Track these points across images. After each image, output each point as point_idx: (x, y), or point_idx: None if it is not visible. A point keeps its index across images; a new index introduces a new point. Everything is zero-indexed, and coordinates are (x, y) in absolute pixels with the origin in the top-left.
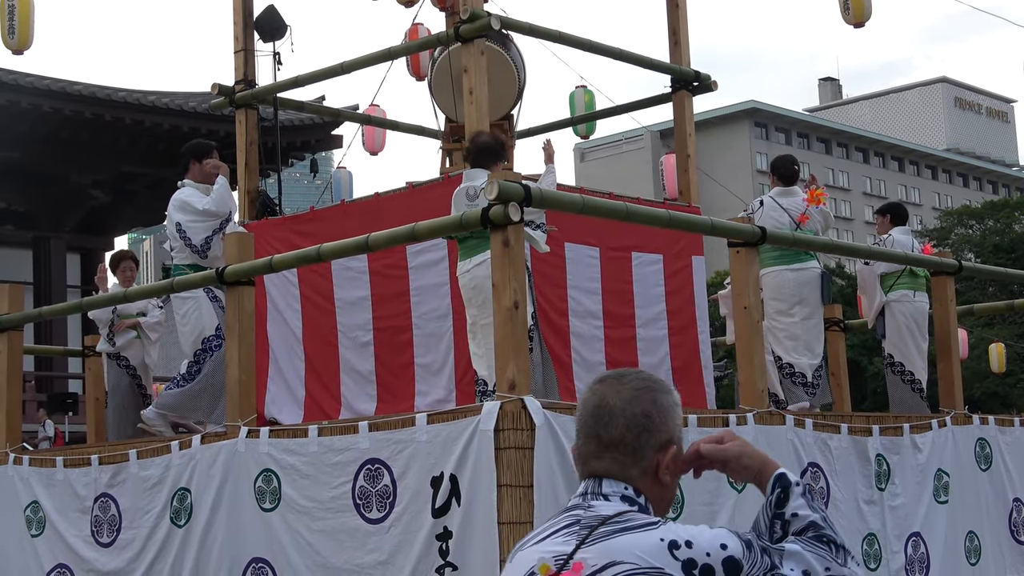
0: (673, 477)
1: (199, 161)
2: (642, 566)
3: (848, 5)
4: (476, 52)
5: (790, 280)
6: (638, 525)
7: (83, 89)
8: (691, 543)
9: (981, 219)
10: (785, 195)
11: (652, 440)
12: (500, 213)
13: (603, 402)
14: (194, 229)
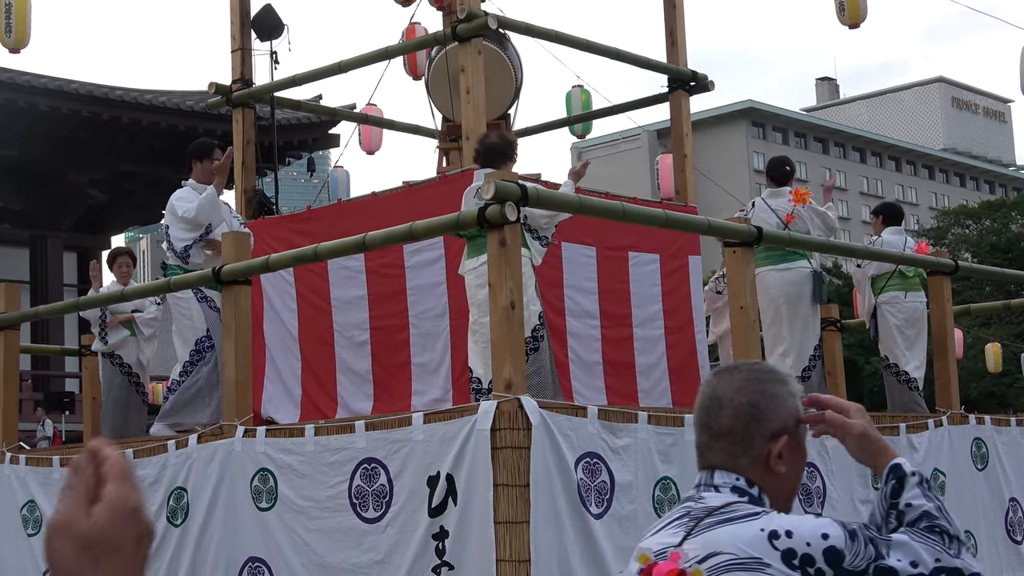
0: (789, 467)
1: (199, 161)
2: (741, 556)
3: (844, 6)
4: (473, 51)
5: (775, 280)
6: (740, 516)
7: (80, 88)
8: (791, 533)
9: (978, 219)
10: (774, 196)
11: (761, 429)
12: (497, 213)
13: (713, 393)
14: (176, 236)
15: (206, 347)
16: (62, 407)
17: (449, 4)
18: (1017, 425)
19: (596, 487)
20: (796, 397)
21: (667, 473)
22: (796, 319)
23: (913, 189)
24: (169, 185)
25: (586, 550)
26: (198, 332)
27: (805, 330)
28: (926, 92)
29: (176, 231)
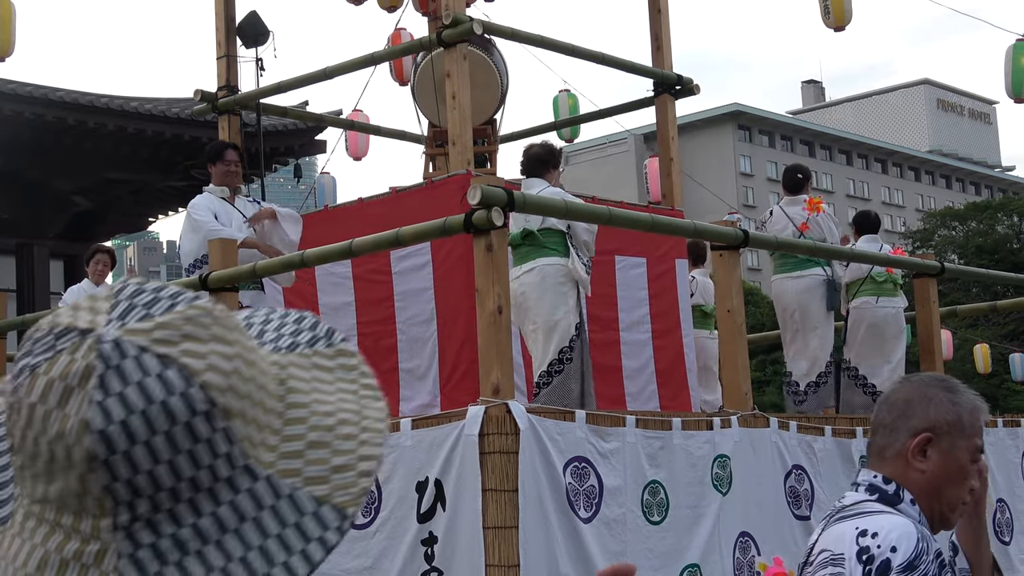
0: (933, 467)
1: (212, 165)
2: (834, 552)
3: (828, 9)
4: (459, 57)
5: (789, 288)
6: (855, 514)
7: (66, 95)
8: (876, 534)
9: (964, 220)
10: (790, 204)
11: (908, 424)
12: (483, 218)
13: (887, 393)
14: (187, 249)
15: None
16: None
17: (434, 10)
18: (1004, 426)
19: (584, 491)
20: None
21: (655, 476)
22: (810, 326)
23: (899, 191)
24: (156, 192)
25: (575, 554)
26: None
27: (819, 337)
28: (911, 94)
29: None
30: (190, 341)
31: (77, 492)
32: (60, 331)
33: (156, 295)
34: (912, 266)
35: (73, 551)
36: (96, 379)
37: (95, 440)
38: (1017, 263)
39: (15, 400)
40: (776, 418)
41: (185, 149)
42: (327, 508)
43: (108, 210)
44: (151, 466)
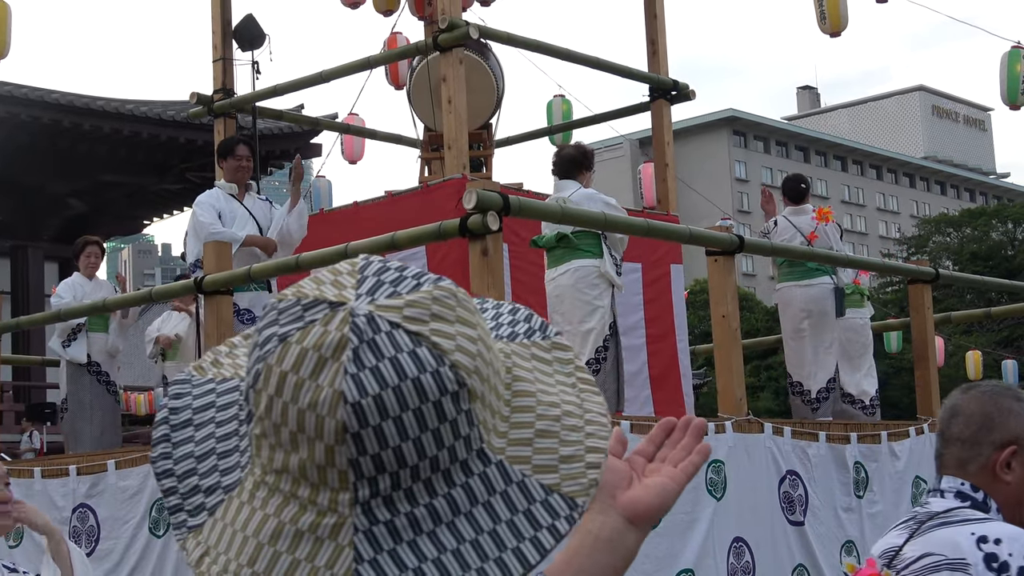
0: (1018, 476)
1: (224, 160)
2: (950, 557)
3: (824, 15)
4: (454, 61)
5: (798, 296)
6: (959, 520)
7: (61, 98)
8: (1000, 540)
9: (959, 227)
10: (796, 213)
11: (991, 437)
12: (479, 222)
13: (953, 404)
14: (192, 248)
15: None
16: (44, 418)
17: (431, 14)
18: None
19: None
20: None
21: None
22: (819, 334)
23: (894, 197)
24: (150, 195)
25: None
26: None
27: (831, 343)
28: (907, 100)
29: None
30: (438, 321)
31: (321, 464)
32: (308, 303)
33: (401, 273)
34: (907, 272)
35: (308, 523)
36: (350, 352)
37: (348, 412)
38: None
39: (263, 367)
40: (771, 423)
41: (180, 152)
42: (556, 497)
43: (103, 213)
44: (398, 442)
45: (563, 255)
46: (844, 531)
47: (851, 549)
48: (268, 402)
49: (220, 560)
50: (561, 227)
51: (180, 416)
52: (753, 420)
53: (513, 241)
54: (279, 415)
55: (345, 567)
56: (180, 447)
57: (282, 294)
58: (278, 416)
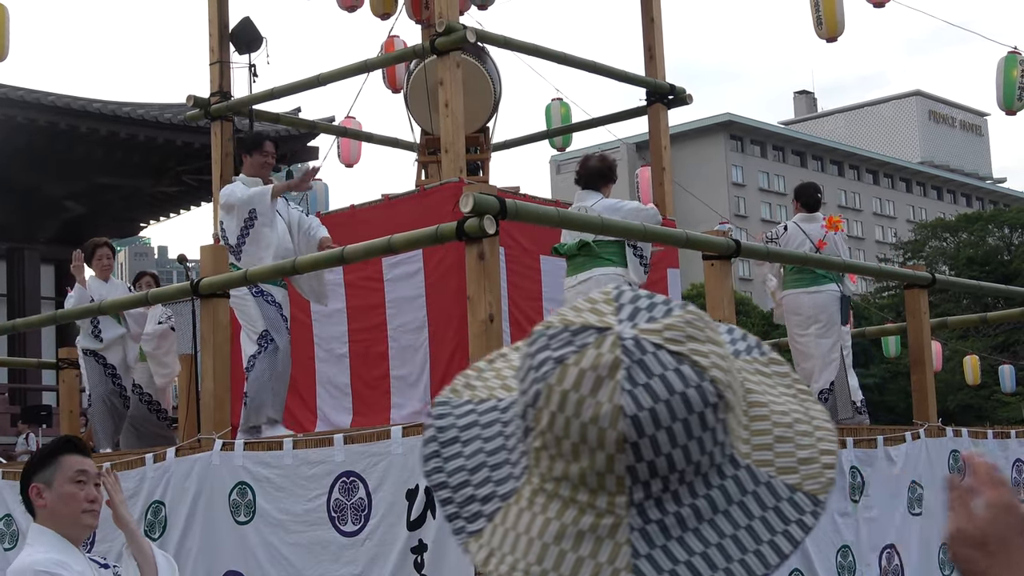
0: None
1: (249, 155)
2: None
3: (821, 20)
4: (452, 65)
5: (805, 303)
6: None
7: (58, 100)
8: None
9: (955, 232)
10: (807, 221)
11: None
12: (476, 226)
13: None
14: (229, 227)
15: (268, 339)
16: (39, 420)
17: (428, 18)
18: (994, 437)
19: None
20: None
21: None
22: (827, 338)
23: (891, 202)
24: (147, 197)
25: None
26: (258, 329)
27: (836, 348)
28: (903, 105)
29: (228, 224)
30: (693, 342)
31: (601, 471)
32: (576, 329)
33: (651, 300)
34: (903, 277)
35: (588, 524)
36: (624, 371)
37: (628, 424)
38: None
39: (543, 387)
40: None
41: (177, 154)
42: (800, 495)
43: (99, 215)
44: (669, 449)
45: (584, 263)
46: (840, 535)
47: (847, 553)
48: (550, 418)
49: (507, 560)
50: (583, 235)
51: (447, 434)
52: None
53: (510, 245)
54: (561, 429)
55: (625, 562)
56: (451, 461)
57: (547, 322)
58: (560, 430)
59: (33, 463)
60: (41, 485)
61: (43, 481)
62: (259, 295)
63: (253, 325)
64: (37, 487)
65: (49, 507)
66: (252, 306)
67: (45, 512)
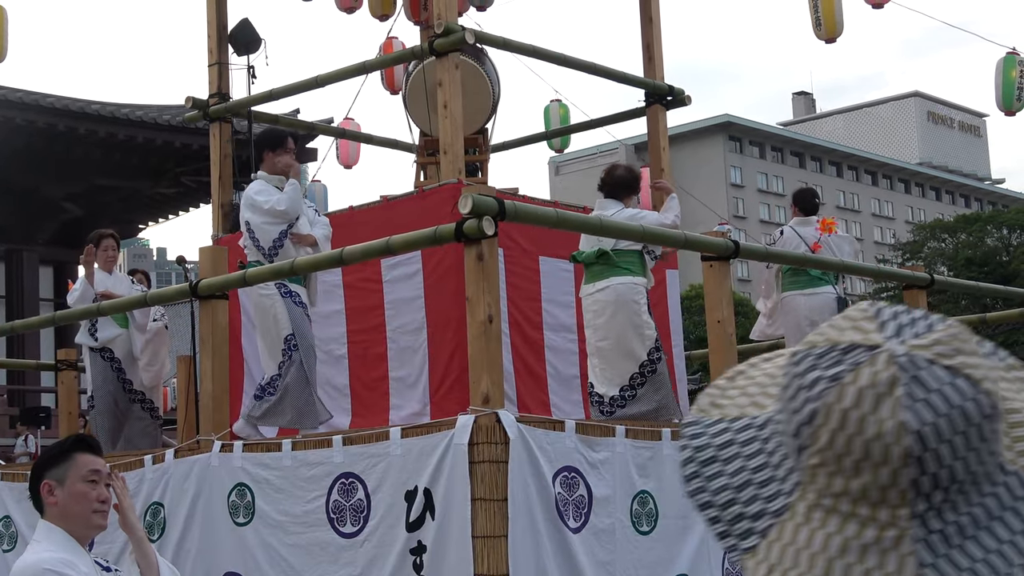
0: None
1: (272, 152)
2: None
3: (820, 21)
4: (450, 66)
5: (802, 304)
6: None
7: (56, 102)
8: None
9: (954, 233)
10: (802, 224)
11: None
12: (474, 227)
13: None
14: (264, 230)
15: (292, 346)
16: (38, 422)
17: (426, 19)
18: None
19: (574, 501)
20: None
21: (645, 487)
22: None
23: (889, 203)
24: (145, 199)
25: (564, 564)
26: (284, 330)
27: None
28: (902, 106)
29: (263, 227)
30: (962, 355)
31: (884, 485)
32: (844, 347)
33: (911, 316)
34: (902, 278)
35: (872, 537)
36: (902, 387)
37: (912, 439)
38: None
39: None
40: None
41: (175, 156)
42: None
43: (98, 216)
44: (951, 462)
45: (602, 271)
46: None
47: None
48: (830, 436)
49: (790, 574)
50: (602, 243)
51: (704, 454)
52: None
53: (509, 246)
54: (843, 446)
55: (911, 572)
56: (713, 480)
57: (810, 341)
58: (841, 447)
59: (45, 460)
60: (53, 482)
61: (55, 478)
62: (287, 296)
63: (277, 327)
64: (49, 484)
65: (60, 505)
66: (280, 307)
67: (55, 510)
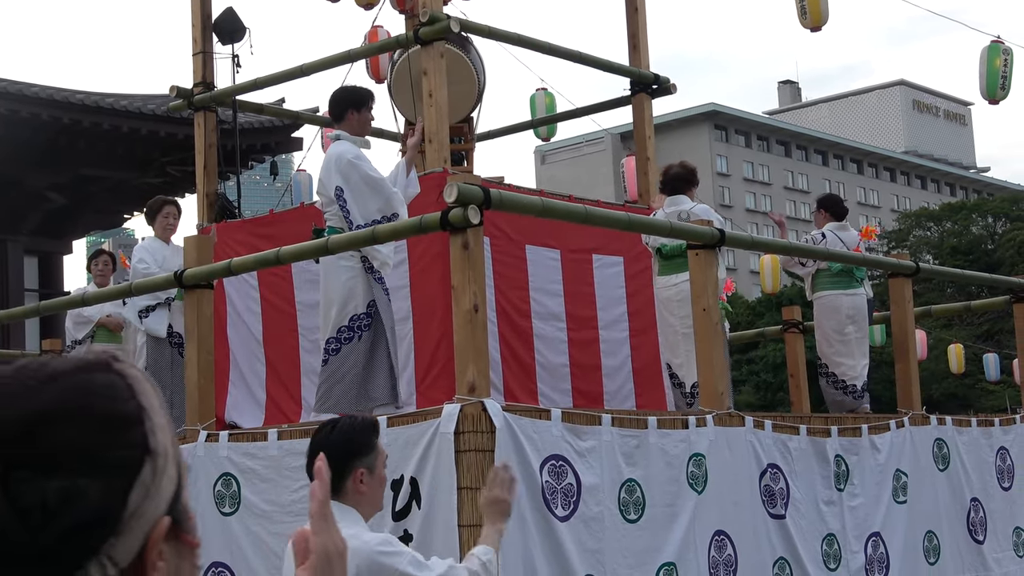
0: None
1: (357, 111)
2: None
3: (805, 9)
4: (436, 55)
5: (845, 303)
6: None
7: (40, 91)
8: None
9: (939, 221)
10: (841, 229)
11: None
12: (460, 216)
13: None
14: (361, 203)
15: (363, 325)
16: None
17: (411, 7)
18: (978, 426)
19: (563, 489)
20: None
21: (632, 475)
22: (862, 336)
23: (875, 191)
24: (131, 189)
25: (551, 553)
26: (359, 307)
27: (863, 346)
28: (887, 95)
29: (361, 202)
30: None
31: None
32: None
33: None
34: (887, 266)
35: None
36: None
37: None
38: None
39: None
40: (751, 417)
41: (161, 145)
42: None
43: (83, 207)
44: None
45: (682, 264)
46: (825, 524)
47: (832, 542)
48: None
49: None
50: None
51: None
52: (734, 413)
53: (495, 235)
54: None
55: None
56: None
57: None
58: None
59: (356, 447)
60: (365, 471)
61: (366, 466)
62: (370, 271)
63: (357, 301)
64: (362, 472)
65: (367, 494)
66: (362, 282)
67: (362, 497)
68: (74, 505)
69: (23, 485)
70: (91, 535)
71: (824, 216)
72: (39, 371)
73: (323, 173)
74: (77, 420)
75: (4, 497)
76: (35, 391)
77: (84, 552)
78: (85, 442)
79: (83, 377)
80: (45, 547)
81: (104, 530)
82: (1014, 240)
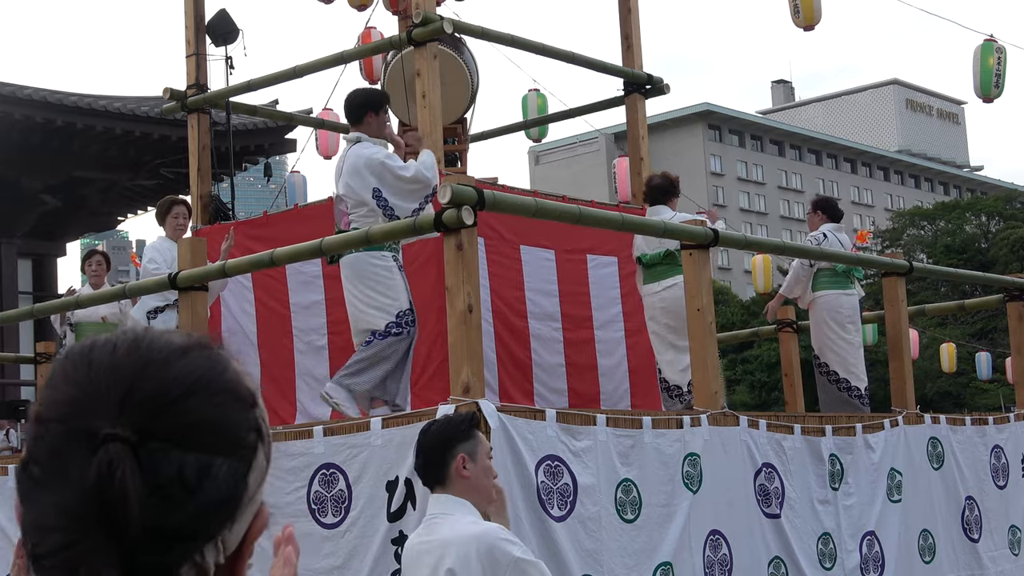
0: None
1: (375, 114)
2: None
3: (799, 8)
4: (429, 56)
5: (846, 303)
6: None
7: (34, 93)
8: None
9: (932, 220)
10: (838, 231)
11: None
12: (454, 217)
13: None
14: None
15: (409, 321)
16: (17, 416)
17: (405, 8)
18: (972, 424)
19: (559, 490)
20: None
21: (627, 475)
22: (860, 340)
23: (868, 191)
24: (124, 191)
25: (546, 553)
26: (403, 304)
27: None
28: (881, 94)
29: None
30: None
31: None
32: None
33: None
34: (881, 265)
35: None
36: None
37: None
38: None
39: None
40: (746, 416)
41: (154, 147)
42: None
43: (77, 209)
44: None
45: (665, 271)
46: (820, 523)
47: (827, 541)
48: None
49: None
50: (666, 244)
51: None
52: (729, 413)
53: (490, 236)
54: None
55: None
56: None
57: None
58: None
59: (455, 432)
60: (466, 456)
61: (468, 452)
62: (401, 269)
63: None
64: (463, 457)
65: (472, 480)
66: (399, 279)
67: (465, 484)
68: (212, 482)
69: (158, 457)
70: (219, 515)
71: (820, 218)
72: (166, 342)
73: (350, 177)
74: (214, 394)
75: (138, 469)
76: (168, 362)
77: (209, 533)
78: (221, 418)
79: (211, 352)
80: (177, 524)
81: (230, 511)
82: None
